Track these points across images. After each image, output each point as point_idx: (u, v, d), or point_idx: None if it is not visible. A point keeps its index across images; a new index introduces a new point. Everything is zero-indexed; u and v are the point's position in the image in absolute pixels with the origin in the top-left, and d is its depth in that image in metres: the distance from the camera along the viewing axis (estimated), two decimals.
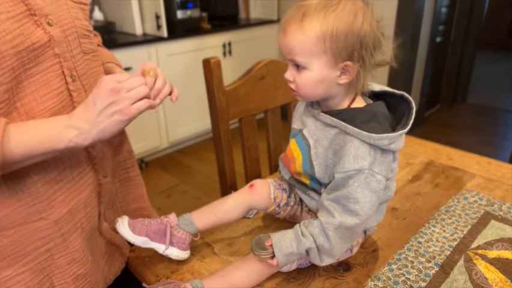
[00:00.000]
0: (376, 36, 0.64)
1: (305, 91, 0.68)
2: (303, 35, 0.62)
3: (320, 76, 0.65)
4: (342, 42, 0.62)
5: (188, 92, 2.79)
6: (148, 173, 2.71)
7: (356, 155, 0.65)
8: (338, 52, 0.62)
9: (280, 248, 0.69)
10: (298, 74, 0.66)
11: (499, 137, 3.18)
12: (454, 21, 3.43)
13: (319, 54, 0.63)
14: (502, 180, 1.07)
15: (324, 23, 0.61)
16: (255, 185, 0.83)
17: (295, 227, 0.72)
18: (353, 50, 0.62)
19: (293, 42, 0.64)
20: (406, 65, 2.71)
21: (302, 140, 0.75)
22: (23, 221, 0.61)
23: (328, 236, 0.68)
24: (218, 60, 1.01)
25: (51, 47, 0.61)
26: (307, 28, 0.62)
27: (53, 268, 0.67)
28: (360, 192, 0.66)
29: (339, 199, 0.67)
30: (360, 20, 0.62)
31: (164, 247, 0.77)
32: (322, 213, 0.70)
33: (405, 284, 0.74)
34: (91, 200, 0.71)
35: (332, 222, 0.67)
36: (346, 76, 0.65)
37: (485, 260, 0.78)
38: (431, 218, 0.92)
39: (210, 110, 1.07)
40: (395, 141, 0.66)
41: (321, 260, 0.71)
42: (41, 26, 0.59)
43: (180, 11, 2.62)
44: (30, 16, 0.58)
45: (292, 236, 0.70)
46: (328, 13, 0.61)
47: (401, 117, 0.70)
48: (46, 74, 0.60)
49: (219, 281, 0.71)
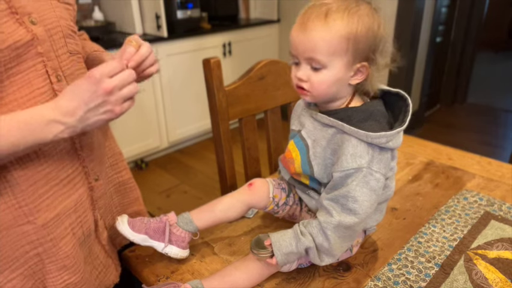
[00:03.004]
0: (387, 40, 0.66)
1: (319, 91, 0.67)
2: (328, 33, 0.62)
3: (337, 76, 0.65)
4: (363, 43, 0.63)
5: (188, 92, 2.79)
6: (148, 173, 2.71)
7: (353, 154, 0.66)
8: (358, 53, 0.64)
9: (280, 247, 0.69)
10: (314, 73, 0.65)
11: (499, 137, 3.18)
12: (454, 21, 3.43)
13: (341, 54, 0.63)
14: (502, 180, 1.07)
15: (350, 23, 0.62)
16: (254, 183, 0.84)
17: (295, 227, 0.72)
18: (369, 51, 0.64)
19: (316, 39, 0.62)
20: (406, 65, 2.71)
21: (300, 141, 0.75)
22: (10, 224, 0.61)
23: (327, 235, 0.68)
24: (218, 60, 1.01)
25: (34, 46, 0.59)
26: (332, 26, 0.62)
27: (44, 273, 0.66)
28: (358, 190, 0.66)
29: (337, 198, 0.68)
30: (377, 23, 0.64)
31: (163, 245, 0.77)
32: (321, 212, 0.70)
33: (405, 284, 0.74)
34: (81, 204, 0.69)
35: (330, 222, 0.67)
36: (358, 76, 0.66)
37: (485, 260, 0.78)
38: (431, 218, 0.92)
39: (210, 110, 1.07)
40: (393, 138, 0.66)
41: (321, 260, 0.71)
42: (23, 24, 0.58)
43: (180, 11, 2.62)
44: (11, 14, 0.56)
45: (292, 235, 0.70)
46: (351, 13, 0.62)
47: (399, 115, 0.70)
48: (28, 74, 0.59)
49: (219, 281, 0.71)
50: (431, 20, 2.91)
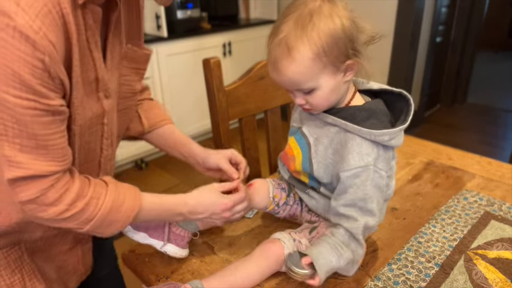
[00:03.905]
0: (356, 25, 0.63)
1: (321, 106, 0.69)
2: (298, 66, 0.62)
3: (331, 87, 0.65)
4: (335, 49, 0.62)
5: (188, 92, 2.79)
6: (148, 173, 2.71)
7: (359, 152, 0.66)
8: (336, 59, 0.62)
9: (321, 266, 0.66)
10: (309, 96, 0.66)
11: (499, 137, 3.18)
12: (454, 21, 3.43)
13: (322, 70, 0.63)
14: (502, 180, 1.07)
15: (312, 43, 0.61)
16: (254, 184, 0.84)
17: (325, 239, 0.69)
18: (347, 49, 0.62)
19: (292, 76, 0.63)
20: (406, 65, 2.71)
21: (302, 138, 0.75)
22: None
23: (359, 240, 0.68)
24: (218, 60, 1.01)
25: (102, 118, 0.64)
26: (298, 58, 0.61)
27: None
28: (371, 189, 0.67)
29: (354, 202, 0.67)
30: (338, 21, 0.61)
31: (162, 243, 0.77)
32: (341, 220, 0.69)
33: (405, 284, 0.74)
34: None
35: (358, 227, 0.67)
36: (350, 72, 0.66)
37: (485, 260, 0.78)
38: (431, 218, 0.92)
39: (210, 110, 1.07)
40: (395, 136, 0.67)
41: (354, 269, 0.71)
42: (100, 100, 0.63)
43: (180, 11, 2.62)
44: (96, 92, 0.61)
45: (329, 250, 0.67)
46: (309, 32, 0.61)
47: (399, 115, 0.71)
48: (87, 136, 0.64)
49: (219, 281, 0.71)
50: (431, 20, 2.91)
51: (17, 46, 0.45)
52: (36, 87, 0.48)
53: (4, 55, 0.45)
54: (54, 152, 0.54)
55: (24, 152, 0.51)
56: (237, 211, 0.76)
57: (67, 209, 0.57)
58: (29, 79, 0.47)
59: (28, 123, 0.50)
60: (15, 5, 0.44)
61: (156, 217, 0.71)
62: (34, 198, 0.54)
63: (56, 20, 0.48)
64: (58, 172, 0.55)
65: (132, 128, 0.86)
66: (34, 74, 0.47)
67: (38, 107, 0.49)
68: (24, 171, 0.52)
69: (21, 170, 0.52)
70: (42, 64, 0.47)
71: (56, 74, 0.50)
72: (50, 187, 0.55)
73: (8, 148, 0.51)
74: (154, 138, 0.89)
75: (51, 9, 0.47)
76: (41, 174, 0.53)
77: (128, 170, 2.74)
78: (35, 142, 0.51)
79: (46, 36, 0.47)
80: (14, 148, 0.51)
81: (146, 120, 0.86)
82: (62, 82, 0.52)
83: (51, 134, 0.52)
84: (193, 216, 0.73)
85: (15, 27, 0.45)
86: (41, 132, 0.51)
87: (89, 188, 0.60)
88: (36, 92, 0.48)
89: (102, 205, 0.60)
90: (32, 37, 0.45)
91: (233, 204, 0.74)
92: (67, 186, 0.57)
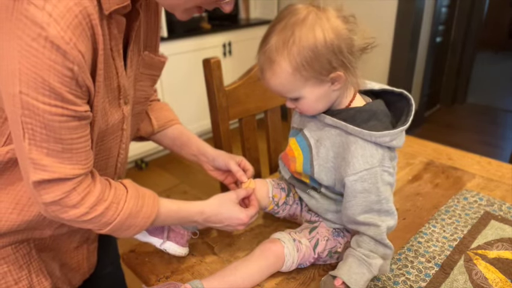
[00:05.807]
0: (345, 35, 0.61)
1: (310, 111, 0.70)
2: (279, 79, 0.64)
3: (316, 96, 0.66)
4: (316, 63, 0.61)
5: (188, 92, 2.79)
6: (148, 173, 2.71)
7: (363, 155, 0.66)
8: (319, 72, 0.62)
9: (356, 283, 0.67)
10: (297, 102, 0.68)
11: (499, 137, 3.18)
12: (454, 21, 3.43)
13: (303, 84, 0.64)
14: (502, 180, 1.07)
15: (291, 59, 0.61)
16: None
17: (351, 253, 0.70)
18: (330, 62, 0.61)
19: (274, 87, 0.66)
20: (406, 65, 2.71)
21: (303, 140, 0.75)
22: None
23: (386, 244, 0.69)
24: (218, 60, 1.01)
25: (123, 123, 0.66)
26: (279, 72, 0.63)
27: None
28: (383, 190, 0.67)
29: (370, 207, 0.68)
30: (320, 34, 0.60)
31: (161, 241, 0.77)
32: (363, 228, 0.69)
33: (405, 284, 0.74)
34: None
35: (381, 232, 0.68)
36: (337, 83, 0.65)
37: (485, 260, 0.78)
38: (431, 218, 0.92)
39: (210, 110, 1.07)
40: (396, 137, 0.67)
41: (388, 267, 0.71)
42: (121, 107, 0.65)
43: None
44: (117, 99, 0.64)
45: (357, 264, 0.68)
46: (289, 47, 0.61)
47: (400, 115, 0.70)
48: (109, 142, 0.66)
49: (219, 281, 0.71)
50: (431, 20, 2.91)
51: (48, 55, 0.47)
52: (65, 95, 0.50)
53: (35, 64, 0.47)
54: (78, 156, 0.55)
55: (50, 156, 0.53)
56: (249, 223, 0.78)
57: (87, 212, 0.58)
58: (58, 87, 0.49)
59: (56, 128, 0.51)
60: (48, 16, 0.46)
61: (171, 223, 0.73)
62: (57, 200, 0.56)
63: (86, 31, 0.50)
64: (81, 175, 0.57)
65: (142, 128, 0.87)
66: (63, 82, 0.49)
67: (65, 113, 0.51)
68: (50, 174, 0.53)
69: (46, 173, 0.53)
70: (71, 73, 0.49)
71: (83, 81, 0.51)
72: (72, 190, 0.56)
73: (36, 152, 0.52)
74: (163, 138, 0.91)
75: (81, 21, 0.49)
76: (66, 177, 0.55)
77: (128, 170, 2.74)
78: (61, 146, 0.53)
79: (76, 46, 0.48)
80: (42, 152, 0.52)
81: (155, 121, 0.88)
82: (88, 89, 0.54)
83: (76, 138, 0.54)
84: (207, 224, 0.75)
85: (47, 38, 0.46)
86: (67, 136, 0.53)
87: (109, 191, 0.61)
88: (64, 99, 0.50)
89: (121, 210, 0.61)
90: (63, 47, 0.47)
91: (249, 220, 0.76)
92: (89, 189, 0.58)
